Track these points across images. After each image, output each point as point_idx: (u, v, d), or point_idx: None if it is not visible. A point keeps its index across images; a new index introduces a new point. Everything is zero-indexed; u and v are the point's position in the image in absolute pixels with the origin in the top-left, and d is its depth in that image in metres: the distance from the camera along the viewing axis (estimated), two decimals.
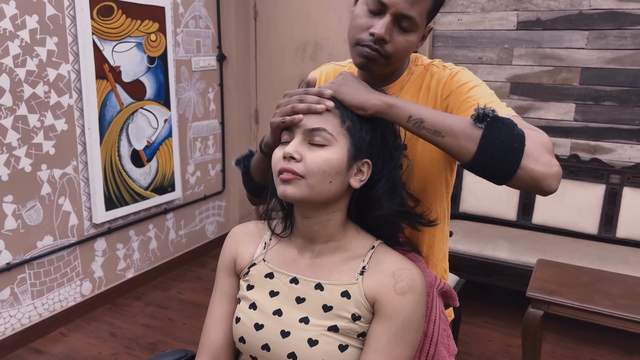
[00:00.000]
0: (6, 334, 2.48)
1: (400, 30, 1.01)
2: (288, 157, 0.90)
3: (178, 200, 3.41)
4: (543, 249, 2.80)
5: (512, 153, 0.83)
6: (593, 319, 1.98)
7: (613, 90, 2.92)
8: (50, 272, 2.65)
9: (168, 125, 3.21)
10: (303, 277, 0.97)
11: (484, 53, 3.18)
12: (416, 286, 0.91)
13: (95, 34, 2.68)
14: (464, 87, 1.04)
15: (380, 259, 0.95)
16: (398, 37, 1.01)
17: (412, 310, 0.91)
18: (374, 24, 1.00)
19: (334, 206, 0.95)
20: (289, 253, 1.01)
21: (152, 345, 2.60)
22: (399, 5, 0.98)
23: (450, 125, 0.88)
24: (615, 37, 2.87)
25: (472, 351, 2.62)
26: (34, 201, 2.52)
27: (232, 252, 1.05)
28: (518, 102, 3.14)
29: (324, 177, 0.90)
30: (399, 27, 1.01)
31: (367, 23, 1.01)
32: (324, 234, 0.97)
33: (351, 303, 0.92)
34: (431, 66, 1.12)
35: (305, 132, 0.92)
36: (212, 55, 3.58)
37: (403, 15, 0.98)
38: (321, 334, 0.91)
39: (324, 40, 3.60)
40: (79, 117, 2.68)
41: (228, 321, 1.03)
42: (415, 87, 1.11)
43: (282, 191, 0.91)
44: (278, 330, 0.94)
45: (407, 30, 1.01)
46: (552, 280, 2.16)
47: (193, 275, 3.42)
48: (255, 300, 0.98)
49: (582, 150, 3.05)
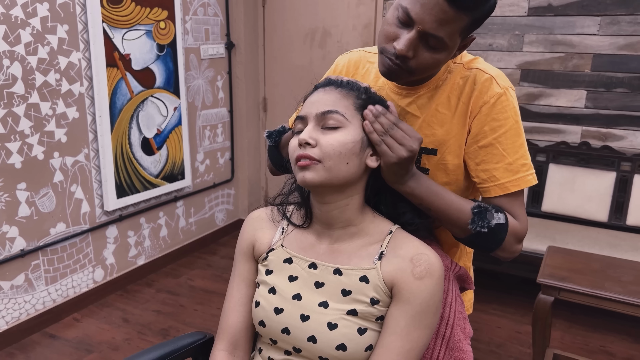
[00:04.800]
0: (21, 319, 2.52)
1: (426, 47, 0.94)
2: (303, 144, 0.91)
3: (188, 188, 3.43)
4: (553, 236, 2.80)
5: (490, 249, 1.02)
6: (604, 305, 1.99)
7: (625, 77, 2.90)
8: (64, 258, 2.68)
9: (178, 114, 3.21)
10: (321, 262, 0.98)
11: (495, 40, 3.16)
12: (434, 271, 0.92)
13: (106, 22, 2.68)
14: (496, 128, 1.01)
15: (398, 244, 0.96)
16: (424, 54, 0.95)
17: (430, 294, 0.92)
18: (400, 35, 0.94)
19: (352, 189, 0.96)
20: (307, 239, 1.02)
21: (164, 331, 2.64)
22: (426, 24, 0.90)
23: (449, 218, 1.00)
24: (628, 23, 2.84)
25: (481, 338, 2.64)
26: (46, 188, 2.55)
27: (250, 237, 1.06)
28: (529, 89, 3.12)
29: (341, 159, 0.91)
30: (425, 44, 0.94)
31: (394, 33, 0.95)
32: (343, 219, 0.98)
33: (370, 287, 0.93)
34: (475, 70, 1.05)
35: (318, 116, 0.93)
36: (221, 43, 3.57)
37: (430, 34, 0.92)
38: (340, 317, 0.93)
39: (332, 28, 3.58)
40: (90, 105, 2.70)
41: (247, 305, 1.05)
42: (452, 90, 1.05)
43: (302, 178, 0.91)
44: (298, 314, 0.95)
45: (434, 48, 0.94)
46: (563, 267, 2.16)
47: (203, 263, 3.45)
48: (275, 284, 0.99)
49: (592, 137, 3.03)
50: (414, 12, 0.91)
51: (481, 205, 0.98)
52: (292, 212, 1.07)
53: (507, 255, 1.04)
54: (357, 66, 1.19)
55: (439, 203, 0.98)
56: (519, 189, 1.02)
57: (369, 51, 1.20)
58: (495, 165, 1.02)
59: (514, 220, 1.02)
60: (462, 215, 0.98)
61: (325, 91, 0.96)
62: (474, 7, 0.90)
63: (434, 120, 1.06)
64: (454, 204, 0.99)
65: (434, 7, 0.89)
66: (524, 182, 1.02)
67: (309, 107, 0.95)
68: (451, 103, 1.05)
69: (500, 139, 1.01)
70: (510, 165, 1.01)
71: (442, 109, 1.06)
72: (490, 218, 0.97)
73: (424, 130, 1.07)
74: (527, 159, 1.03)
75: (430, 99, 1.06)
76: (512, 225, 1.00)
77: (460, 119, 1.04)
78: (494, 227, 0.97)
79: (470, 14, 0.91)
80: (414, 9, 0.91)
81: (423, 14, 0.90)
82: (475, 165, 1.04)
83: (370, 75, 1.16)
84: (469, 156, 1.05)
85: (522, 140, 1.03)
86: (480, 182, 1.04)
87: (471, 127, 1.04)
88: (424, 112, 1.07)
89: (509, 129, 1.01)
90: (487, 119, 1.02)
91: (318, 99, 0.95)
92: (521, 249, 1.04)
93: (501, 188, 1.02)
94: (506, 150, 1.01)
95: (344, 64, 1.21)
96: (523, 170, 1.02)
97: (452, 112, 1.05)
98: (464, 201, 1.00)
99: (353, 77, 1.18)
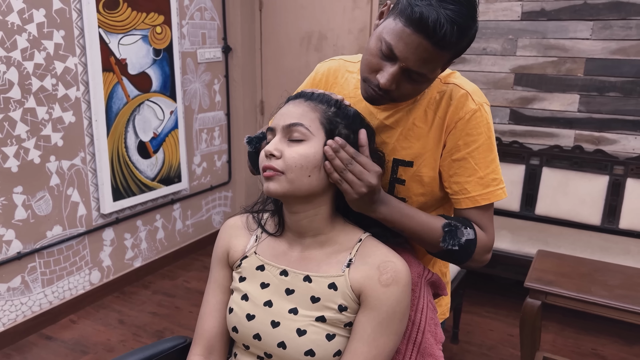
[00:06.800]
0: (18, 320, 2.56)
1: (409, 80, 0.96)
2: (269, 155, 0.94)
3: (184, 191, 3.46)
4: (545, 239, 2.81)
5: (460, 262, 1.06)
6: (590, 310, 2.00)
7: (618, 81, 2.91)
8: (60, 261, 2.72)
9: (174, 117, 3.25)
10: (292, 269, 1.00)
11: (488, 44, 3.17)
12: (400, 278, 0.95)
13: (102, 27, 2.71)
14: (470, 143, 1.03)
15: (367, 252, 0.98)
16: (406, 86, 0.97)
17: (397, 301, 0.94)
18: (383, 68, 0.95)
19: (319, 200, 0.98)
20: (279, 246, 1.04)
21: (159, 333, 2.67)
22: (409, 62, 0.92)
23: (421, 237, 1.02)
24: (620, 28, 2.85)
25: (473, 340, 2.66)
26: (43, 192, 2.58)
27: (225, 245, 1.09)
28: (522, 93, 3.14)
29: (302, 171, 0.93)
30: (408, 77, 0.95)
31: (377, 64, 0.96)
32: (312, 228, 1.00)
33: (338, 294, 0.96)
34: (451, 85, 1.06)
35: (284, 128, 0.95)
36: (218, 46, 3.61)
37: (413, 70, 0.93)
38: (309, 324, 0.95)
39: (328, 31, 3.60)
40: (86, 109, 2.73)
41: (222, 311, 1.07)
42: (429, 104, 1.07)
43: (266, 188, 0.94)
44: (268, 320, 0.98)
45: (416, 81, 0.96)
46: (551, 271, 2.18)
47: (200, 264, 3.48)
48: (247, 291, 1.02)
49: (585, 141, 3.04)
50: (398, 50, 0.92)
51: (451, 224, 1.01)
52: (267, 220, 1.09)
53: (476, 265, 1.07)
54: (337, 75, 1.20)
55: (411, 225, 1.00)
56: (488, 202, 1.04)
57: (348, 60, 1.21)
58: (467, 179, 1.04)
59: (482, 233, 1.04)
60: (434, 233, 1.01)
61: (294, 104, 0.99)
62: (457, 44, 0.92)
63: (411, 134, 1.08)
64: (425, 224, 1.01)
65: (418, 47, 0.90)
66: (494, 196, 1.04)
67: (278, 119, 0.98)
68: (428, 117, 1.07)
69: (473, 153, 1.04)
70: (481, 179, 1.04)
71: (419, 122, 1.08)
72: (460, 235, 1.00)
73: (401, 143, 1.09)
74: (498, 174, 1.05)
75: (408, 112, 1.08)
76: (480, 238, 1.04)
77: (436, 133, 1.07)
78: (464, 243, 1.00)
79: (453, 50, 0.94)
80: (398, 47, 0.92)
81: (407, 53, 0.92)
82: (449, 177, 1.07)
83: (349, 85, 1.17)
84: (443, 168, 1.07)
85: (494, 155, 1.05)
86: (453, 193, 1.07)
87: (446, 141, 1.06)
88: (401, 125, 1.09)
89: (481, 144, 1.04)
90: (461, 134, 1.04)
91: (287, 112, 0.98)
92: (489, 257, 1.08)
93: (472, 201, 1.04)
94: (478, 164, 1.04)
95: (323, 72, 1.22)
96: (493, 184, 1.04)
97: (428, 127, 1.07)
98: (434, 219, 1.02)
99: (332, 85, 1.20)
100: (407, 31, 0.90)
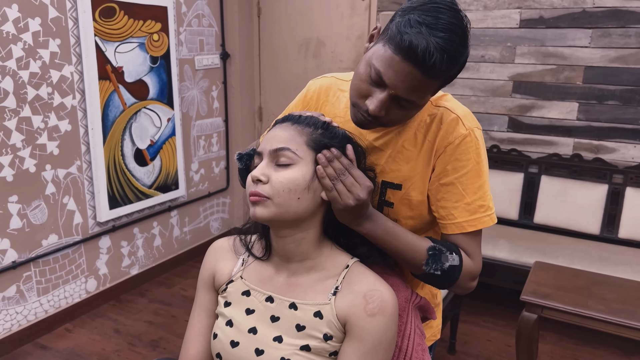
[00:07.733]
0: (12, 330, 2.55)
1: (398, 106, 0.95)
2: (255, 180, 0.93)
3: (182, 198, 3.45)
4: (543, 249, 2.79)
5: (443, 287, 1.05)
6: (587, 324, 1.99)
7: (617, 90, 2.89)
8: (56, 269, 2.71)
9: (171, 124, 3.24)
10: (278, 295, 0.99)
11: (487, 51, 3.16)
12: (387, 307, 0.93)
13: (98, 35, 2.71)
14: (458, 168, 1.02)
15: (354, 279, 0.97)
16: (395, 112, 0.96)
17: (383, 331, 0.93)
18: (372, 94, 0.94)
19: (308, 223, 0.97)
20: (266, 271, 1.03)
21: (154, 342, 2.66)
22: (398, 89, 0.91)
23: (404, 257, 1.01)
24: (619, 36, 2.83)
25: (470, 350, 2.64)
26: (38, 201, 2.58)
27: (211, 268, 1.08)
28: (521, 100, 3.12)
29: (291, 195, 0.92)
30: (397, 104, 0.95)
31: (366, 90, 0.95)
32: (299, 253, 0.99)
33: (323, 323, 0.94)
34: (442, 108, 1.05)
35: (271, 153, 0.94)
36: (216, 53, 3.60)
37: (402, 98, 0.93)
38: (294, 352, 0.94)
39: (326, 38, 3.59)
40: (82, 117, 2.72)
41: (207, 335, 1.06)
42: (419, 127, 1.05)
43: (253, 213, 0.93)
44: (253, 348, 0.96)
45: (406, 107, 0.95)
46: (547, 284, 2.16)
47: (197, 272, 3.42)
48: (232, 317, 1.01)
49: (584, 149, 3.02)
50: (387, 77, 0.91)
51: (436, 248, 0.99)
52: (254, 243, 1.08)
53: (460, 292, 1.05)
54: (328, 93, 1.19)
55: (395, 243, 0.99)
56: (475, 229, 1.03)
57: (340, 78, 1.20)
58: (454, 204, 1.03)
59: (468, 260, 1.02)
60: (418, 255, 0.99)
61: (281, 127, 0.97)
62: (447, 72, 0.91)
63: (400, 157, 1.07)
64: (410, 245, 0.99)
65: (407, 75, 0.89)
66: (481, 223, 1.03)
67: (264, 143, 0.97)
68: (417, 140, 1.06)
69: (461, 178, 1.02)
70: (468, 205, 1.02)
71: (408, 145, 1.06)
72: (444, 260, 0.98)
73: (390, 165, 1.08)
74: (486, 200, 1.04)
75: (398, 134, 1.07)
76: (466, 265, 1.02)
77: (425, 157, 1.05)
78: (447, 269, 0.98)
79: (443, 78, 0.92)
80: (387, 74, 0.91)
81: (396, 81, 0.90)
82: (436, 201, 1.05)
83: (340, 103, 1.16)
84: (431, 192, 1.06)
85: (482, 181, 1.04)
86: (440, 218, 1.05)
87: (435, 165, 1.05)
88: (390, 147, 1.08)
89: (470, 170, 1.02)
90: (450, 159, 1.03)
91: (274, 136, 0.96)
92: (475, 285, 1.06)
93: (458, 227, 1.03)
94: (466, 190, 1.02)
95: (315, 89, 1.21)
96: (480, 211, 1.03)
97: (418, 150, 1.06)
98: (420, 241, 1.01)
99: (323, 103, 1.19)
100: (397, 59, 0.89)
